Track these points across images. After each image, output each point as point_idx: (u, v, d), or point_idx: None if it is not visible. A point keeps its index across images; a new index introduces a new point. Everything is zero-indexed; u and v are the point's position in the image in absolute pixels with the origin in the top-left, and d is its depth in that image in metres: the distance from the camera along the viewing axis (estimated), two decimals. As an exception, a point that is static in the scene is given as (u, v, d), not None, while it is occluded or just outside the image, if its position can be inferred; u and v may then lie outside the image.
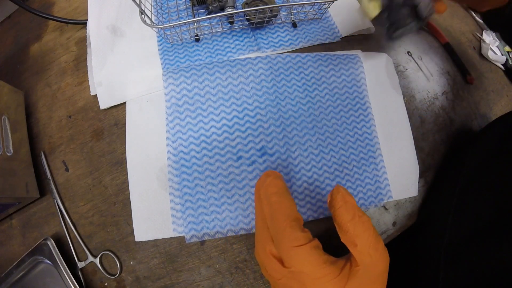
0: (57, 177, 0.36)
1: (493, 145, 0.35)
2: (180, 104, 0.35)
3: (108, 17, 0.40)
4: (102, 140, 0.37)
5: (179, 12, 0.40)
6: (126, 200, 0.34)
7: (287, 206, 0.24)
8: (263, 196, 0.26)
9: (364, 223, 0.24)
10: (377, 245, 0.23)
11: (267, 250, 0.25)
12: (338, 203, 0.25)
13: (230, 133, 0.34)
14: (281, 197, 0.25)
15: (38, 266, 0.33)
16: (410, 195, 0.36)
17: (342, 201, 0.25)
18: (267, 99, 0.36)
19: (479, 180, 0.34)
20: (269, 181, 0.26)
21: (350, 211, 0.24)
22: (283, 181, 0.27)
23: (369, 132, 0.36)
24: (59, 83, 0.40)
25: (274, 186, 0.26)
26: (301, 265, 0.22)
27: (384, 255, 0.24)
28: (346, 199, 0.25)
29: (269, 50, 0.38)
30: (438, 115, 0.39)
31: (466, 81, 0.42)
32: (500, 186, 0.31)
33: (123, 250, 0.33)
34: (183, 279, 0.32)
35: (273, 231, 0.24)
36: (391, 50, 0.42)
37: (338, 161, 0.35)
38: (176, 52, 0.38)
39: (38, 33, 0.43)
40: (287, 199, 0.25)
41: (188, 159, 0.34)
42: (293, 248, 0.22)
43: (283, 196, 0.25)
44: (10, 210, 0.35)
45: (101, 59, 0.38)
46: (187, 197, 0.33)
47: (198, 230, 0.32)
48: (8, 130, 0.34)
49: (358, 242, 0.23)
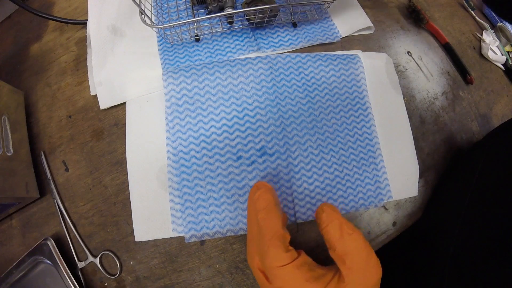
0: (57, 177, 0.36)
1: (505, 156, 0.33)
2: (180, 104, 0.35)
3: (108, 17, 0.40)
4: (102, 140, 0.37)
5: (179, 12, 0.40)
6: (126, 200, 0.34)
7: (274, 223, 0.24)
8: (251, 211, 0.26)
9: (354, 240, 0.23)
10: (368, 260, 0.23)
11: (254, 263, 0.25)
12: (324, 222, 0.24)
13: (230, 133, 0.34)
14: (269, 214, 0.25)
15: (38, 266, 0.33)
16: (410, 195, 0.36)
17: (328, 220, 0.24)
18: (267, 99, 0.36)
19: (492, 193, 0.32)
20: (258, 195, 0.26)
21: (337, 229, 0.24)
22: (273, 195, 0.26)
23: (369, 132, 0.36)
24: (59, 83, 0.40)
25: (263, 200, 0.25)
26: (284, 284, 0.22)
27: (376, 269, 0.23)
28: (332, 217, 0.24)
29: (269, 50, 0.38)
30: (438, 115, 0.39)
31: (466, 81, 0.42)
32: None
33: (123, 250, 0.33)
34: (183, 279, 0.32)
35: (259, 247, 0.24)
36: (391, 50, 0.42)
37: (338, 161, 0.35)
38: (176, 52, 0.38)
39: (38, 33, 0.43)
40: (274, 215, 0.25)
41: (188, 159, 0.34)
42: (275, 268, 0.22)
43: (271, 213, 0.25)
44: (10, 210, 0.35)
45: (101, 59, 0.38)
46: (186, 197, 0.33)
47: (197, 230, 0.32)
48: (8, 130, 0.34)
49: (347, 259, 0.23)
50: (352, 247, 0.23)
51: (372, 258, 0.23)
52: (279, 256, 0.23)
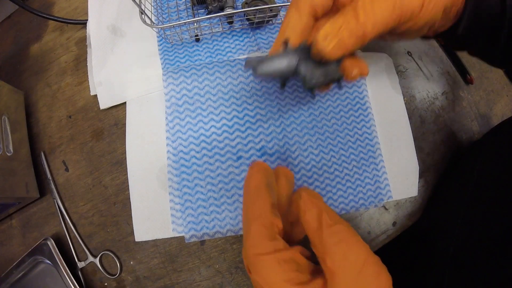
0: (57, 177, 0.36)
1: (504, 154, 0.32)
2: (180, 104, 0.35)
3: (108, 17, 0.40)
4: (102, 140, 0.37)
5: (179, 12, 0.40)
6: (126, 200, 0.34)
7: (260, 205, 0.21)
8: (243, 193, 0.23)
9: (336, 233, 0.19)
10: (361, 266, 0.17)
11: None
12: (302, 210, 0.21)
13: (230, 133, 0.34)
14: (257, 195, 0.22)
15: (38, 266, 0.33)
16: (410, 195, 0.36)
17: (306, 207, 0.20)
18: (267, 99, 0.36)
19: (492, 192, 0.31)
20: (248, 175, 0.23)
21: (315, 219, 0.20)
22: (266, 175, 0.23)
23: (369, 132, 0.36)
24: (59, 83, 0.40)
25: (253, 180, 0.23)
26: (259, 278, 0.19)
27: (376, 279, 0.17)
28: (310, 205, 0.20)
29: (269, 50, 0.38)
30: (438, 115, 0.39)
31: (466, 81, 0.42)
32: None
33: (123, 250, 0.33)
34: (183, 279, 0.32)
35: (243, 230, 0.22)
36: (391, 50, 0.42)
37: (338, 161, 0.35)
38: (176, 52, 0.38)
39: (38, 33, 0.43)
40: (263, 197, 0.21)
41: (188, 159, 0.34)
42: (253, 256, 0.19)
43: (259, 193, 0.22)
44: (10, 210, 0.35)
45: (101, 59, 0.38)
46: (186, 197, 0.33)
47: (197, 230, 0.32)
48: (8, 130, 0.34)
49: (327, 258, 0.18)
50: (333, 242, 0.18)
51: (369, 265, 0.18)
52: (258, 242, 0.19)
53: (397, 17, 0.22)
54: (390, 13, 0.21)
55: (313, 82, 0.22)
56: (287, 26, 0.25)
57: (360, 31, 0.22)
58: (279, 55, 0.23)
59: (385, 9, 0.21)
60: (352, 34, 0.22)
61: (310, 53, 0.23)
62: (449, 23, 0.25)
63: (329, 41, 0.22)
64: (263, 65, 0.23)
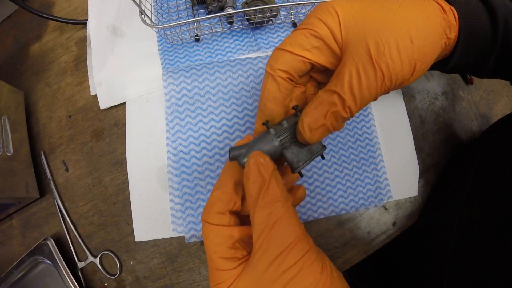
0: (57, 177, 0.36)
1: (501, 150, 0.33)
2: (180, 104, 0.35)
3: (108, 17, 0.40)
4: (102, 140, 0.37)
5: (179, 12, 0.40)
6: (126, 200, 0.34)
7: (223, 180, 0.22)
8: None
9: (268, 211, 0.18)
10: (285, 247, 0.18)
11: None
12: (245, 176, 0.20)
13: (230, 133, 0.34)
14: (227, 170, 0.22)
15: (38, 266, 0.33)
16: (410, 195, 0.36)
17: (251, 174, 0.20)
18: (267, 99, 0.36)
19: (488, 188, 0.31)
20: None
21: (257, 189, 0.19)
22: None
23: (369, 132, 0.36)
24: (59, 83, 0.40)
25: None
26: (203, 238, 0.21)
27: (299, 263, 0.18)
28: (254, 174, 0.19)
29: (269, 50, 0.38)
30: (438, 115, 0.39)
31: (466, 81, 0.42)
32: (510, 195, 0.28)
33: (123, 250, 0.33)
34: (183, 279, 0.32)
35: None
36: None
37: (338, 161, 0.35)
38: (176, 52, 0.38)
39: (38, 33, 0.43)
40: (228, 173, 0.22)
41: (188, 159, 0.34)
42: (202, 220, 0.21)
43: (227, 169, 0.22)
44: (10, 210, 0.35)
45: (101, 59, 0.38)
46: (186, 197, 0.33)
47: (197, 230, 0.32)
48: (8, 130, 0.34)
49: (253, 234, 0.19)
50: (259, 222, 0.19)
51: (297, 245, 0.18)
52: (208, 211, 0.21)
53: (387, 89, 0.21)
54: (379, 90, 0.21)
55: (300, 165, 0.22)
56: (267, 100, 0.23)
57: (347, 114, 0.21)
58: (261, 141, 0.22)
59: (374, 88, 0.20)
60: (339, 118, 0.21)
61: (292, 134, 0.22)
62: (438, 62, 0.26)
63: (315, 132, 0.21)
64: (246, 157, 0.22)
